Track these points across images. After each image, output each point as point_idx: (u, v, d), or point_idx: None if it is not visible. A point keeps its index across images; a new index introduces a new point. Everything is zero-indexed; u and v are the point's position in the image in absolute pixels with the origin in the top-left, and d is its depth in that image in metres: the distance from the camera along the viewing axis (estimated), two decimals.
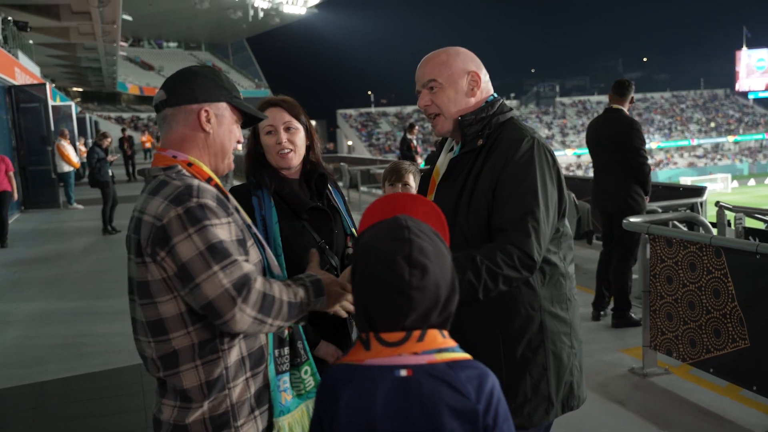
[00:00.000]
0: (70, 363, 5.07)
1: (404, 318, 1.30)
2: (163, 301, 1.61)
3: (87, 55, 33.70)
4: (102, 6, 21.66)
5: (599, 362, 4.80)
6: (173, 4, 60.94)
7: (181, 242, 1.55)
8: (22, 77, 18.24)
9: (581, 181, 9.01)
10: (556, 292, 2.09)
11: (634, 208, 5.49)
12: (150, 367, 1.69)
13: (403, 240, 1.32)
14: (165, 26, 70.02)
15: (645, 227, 4.53)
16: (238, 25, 69.71)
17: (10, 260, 9.68)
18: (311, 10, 71.11)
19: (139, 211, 1.65)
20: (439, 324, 1.35)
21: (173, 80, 1.79)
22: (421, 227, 1.37)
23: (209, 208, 1.60)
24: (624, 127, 5.55)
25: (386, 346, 1.31)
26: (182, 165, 1.71)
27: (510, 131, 2.09)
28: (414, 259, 1.30)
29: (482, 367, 1.36)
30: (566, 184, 2.17)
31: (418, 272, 1.29)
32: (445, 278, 1.34)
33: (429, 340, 1.32)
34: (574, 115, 73.82)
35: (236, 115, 1.83)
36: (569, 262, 2.15)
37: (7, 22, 19.20)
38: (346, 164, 16.90)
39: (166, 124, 1.77)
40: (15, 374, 4.92)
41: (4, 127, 15.57)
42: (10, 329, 6.19)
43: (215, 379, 1.64)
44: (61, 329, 6.02)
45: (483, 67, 2.20)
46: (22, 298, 7.27)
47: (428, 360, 1.30)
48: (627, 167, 5.54)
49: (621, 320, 5.58)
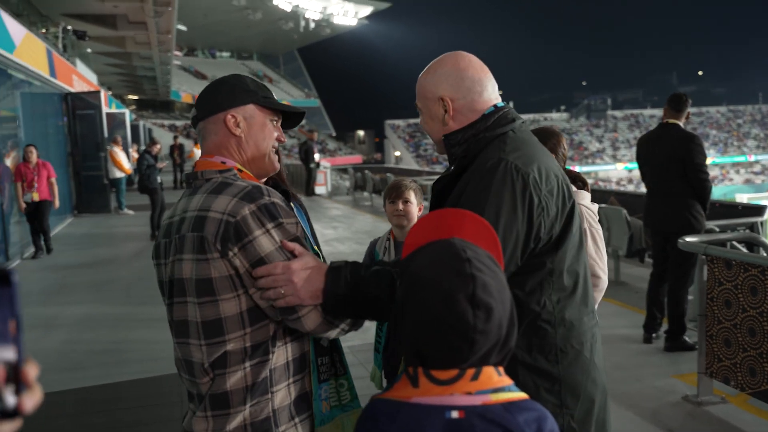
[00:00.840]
0: (111, 369, 5.09)
1: (463, 361, 1.18)
2: (225, 299, 1.60)
3: (142, 63, 34.59)
4: (157, 16, 22.19)
5: (650, 387, 4.58)
6: (227, 14, 62.14)
7: (259, 237, 1.58)
8: (80, 85, 18.76)
9: (633, 196, 8.74)
10: (536, 341, 1.77)
11: (695, 227, 5.24)
12: (196, 372, 1.64)
13: (465, 276, 1.17)
14: (218, 36, 71.41)
15: (702, 248, 4.31)
16: (289, 35, 70.65)
17: (60, 264, 9.86)
18: (362, 21, 71.61)
19: (199, 209, 1.63)
20: (497, 362, 1.23)
21: (201, 94, 1.83)
22: (480, 256, 1.23)
23: (282, 207, 1.65)
24: (684, 142, 5.28)
25: (437, 384, 1.19)
26: (235, 170, 1.74)
27: (489, 150, 1.80)
28: (478, 299, 1.16)
29: (541, 408, 1.23)
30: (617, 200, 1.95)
31: (482, 314, 1.16)
32: (506, 314, 1.21)
33: (484, 379, 1.20)
34: (626, 129, 72.49)
35: (269, 114, 1.82)
36: (566, 307, 1.79)
37: (67, 31, 19.80)
38: (392, 175, 16.85)
39: (201, 137, 1.82)
40: (57, 379, 4.95)
41: (60, 132, 16.00)
42: (55, 333, 6.26)
43: (260, 382, 1.62)
44: (104, 335, 6.06)
45: (463, 86, 1.87)
46: (68, 302, 7.37)
47: (483, 401, 1.18)
48: (687, 184, 5.29)
49: (674, 344, 5.33)
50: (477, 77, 1.89)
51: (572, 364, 1.79)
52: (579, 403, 1.80)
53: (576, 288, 1.83)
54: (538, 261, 1.77)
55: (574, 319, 1.81)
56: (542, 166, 1.78)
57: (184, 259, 1.63)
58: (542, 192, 1.74)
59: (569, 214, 1.82)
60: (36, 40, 13.50)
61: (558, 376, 1.77)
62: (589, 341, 1.84)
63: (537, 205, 1.72)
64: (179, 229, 1.68)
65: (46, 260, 10.19)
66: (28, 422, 3.03)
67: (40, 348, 5.77)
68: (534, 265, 1.76)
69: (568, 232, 1.81)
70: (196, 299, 1.62)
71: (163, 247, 1.74)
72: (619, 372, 4.90)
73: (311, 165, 19.45)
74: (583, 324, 1.84)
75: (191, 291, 1.62)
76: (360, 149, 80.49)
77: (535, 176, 1.73)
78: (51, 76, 14.51)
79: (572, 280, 1.82)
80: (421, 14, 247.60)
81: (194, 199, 1.68)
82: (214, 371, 1.62)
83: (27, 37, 12.43)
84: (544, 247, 1.76)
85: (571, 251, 1.82)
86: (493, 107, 1.89)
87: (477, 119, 1.86)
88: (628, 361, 5.15)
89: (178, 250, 1.65)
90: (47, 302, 7.56)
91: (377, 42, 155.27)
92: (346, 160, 58.26)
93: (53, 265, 9.83)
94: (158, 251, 1.77)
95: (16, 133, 11.81)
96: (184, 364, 1.69)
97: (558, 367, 1.77)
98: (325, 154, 60.15)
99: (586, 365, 1.82)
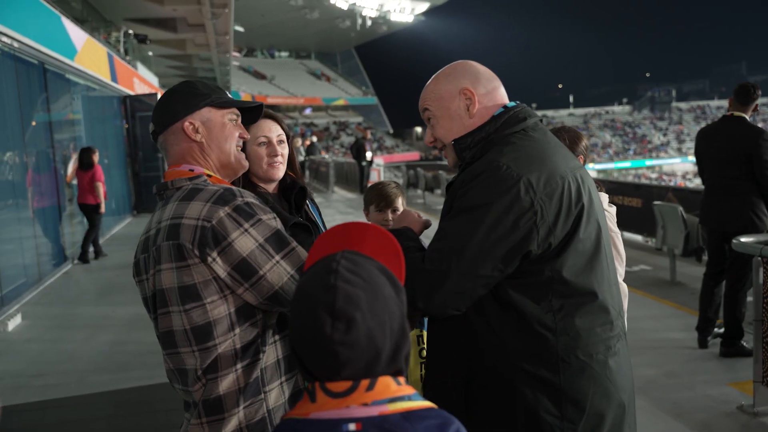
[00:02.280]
0: (153, 371, 5.13)
1: (336, 373, 1.15)
2: (212, 302, 1.60)
3: (202, 65, 35.28)
4: (214, 18, 22.57)
5: (703, 396, 4.35)
6: (284, 14, 62.85)
7: (238, 238, 1.58)
8: (141, 87, 19.26)
9: (690, 193, 8.37)
10: (536, 348, 1.68)
11: (758, 227, 4.93)
12: (190, 379, 1.64)
13: (327, 287, 1.15)
14: (276, 36, 72.28)
15: (758, 249, 4.06)
16: (346, 33, 71.00)
17: (114, 264, 10.09)
18: (418, 17, 71.38)
19: (172, 218, 1.63)
20: (394, 371, 1.19)
21: (155, 108, 1.82)
22: (360, 268, 1.19)
23: (256, 205, 1.65)
24: (752, 137, 4.93)
25: (333, 398, 1.16)
26: (204, 176, 1.74)
27: (492, 152, 1.75)
28: (338, 310, 1.13)
29: (445, 415, 1.18)
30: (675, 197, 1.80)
31: (342, 325, 1.13)
32: (382, 327, 1.16)
33: (380, 389, 1.16)
34: (692, 121, 70.20)
35: (227, 114, 1.80)
36: (570, 316, 1.70)
37: (128, 35, 20.35)
38: (444, 172, 16.70)
39: (164, 149, 1.81)
40: (100, 380, 5.04)
41: (118, 134, 16.45)
42: (103, 334, 6.38)
43: (251, 383, 1.63)
44: (149, 335, 6.02)
45: (482, 80, 1.87)
46: (118, 302, 7.50)
47: (380, 411, 1.15)
48: (751, 181, 4.96)
49: (731, 349, 5.05)
50: (491, 76, 1.90)
51: (577, 376, 1.70)
52: (584, 417, 1.71)
53: (587, 296, 1.73)
54: (536, 268, 1.70)
55: (582, 329, 1.72)
56: (543, 167, 1.70)
57: (163, 270, 1.64)
58: (537, 195, 1.66)
59: (576, 218, 1.72)
60: (97, 45, 13.89)
61: (558, 386, 1.69)
62: (602, 353, 1.74)
63: (528, 209, 1.65)
64: (155, 241, 1.67)
65: (102, 260, 10.45)
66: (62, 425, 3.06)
67: (86, 349, 5.91)
68: (532, 272, 1.70)
69: (573, 238, 1.71)
70: (181, 306, 1.62)
71: (142, 263, 1.73)
72: (671, 379, 4.68)
73: (363, 163, 19.47)
74: (595, 335, 1.73)
75: (174, 300, 1.63)
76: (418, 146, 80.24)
77: (530, 178, 1.67)
78: (112, 80, 14.92)
79: (581, 288, 1.72)
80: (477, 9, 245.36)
81: (167, 209, 1.68)
82: (206, 377, 1.62)
83: (88, 42, 12.79)
84: (544, 253, 1.69)
85: (578, 258, 1.73)
86: (502, 108, 1.84)
87: (486, 121, 1.82)
88: (681, 368, 4.91)
89: (156, 261, 1.65)
90: (98, 302, 7.75)
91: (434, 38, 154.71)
92: (404, 156, 58.18)
93: (108, 265, 10.07)
94: (138, 268, 1.76)
95: (77, 135, 12.16)
96: (177, 374, 1.69)
97: (559, 377, 1.69)
98: (382, 151, 60.32)
99: (595, 378, 1.72)
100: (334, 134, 65.76)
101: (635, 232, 9.82)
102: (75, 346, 5.96)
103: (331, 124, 68.25)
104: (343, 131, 66.98)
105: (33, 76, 9.46)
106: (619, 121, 70.27)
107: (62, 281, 9.14)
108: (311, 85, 72.06)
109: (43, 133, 9.81)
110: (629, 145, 65.93)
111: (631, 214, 9.72)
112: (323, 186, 22.37)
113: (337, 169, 24.21)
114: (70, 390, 4.91)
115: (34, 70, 9.47)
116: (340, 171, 24.14)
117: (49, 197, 9.92)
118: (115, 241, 11.89)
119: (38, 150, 9.51)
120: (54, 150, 10.19)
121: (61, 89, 11.20)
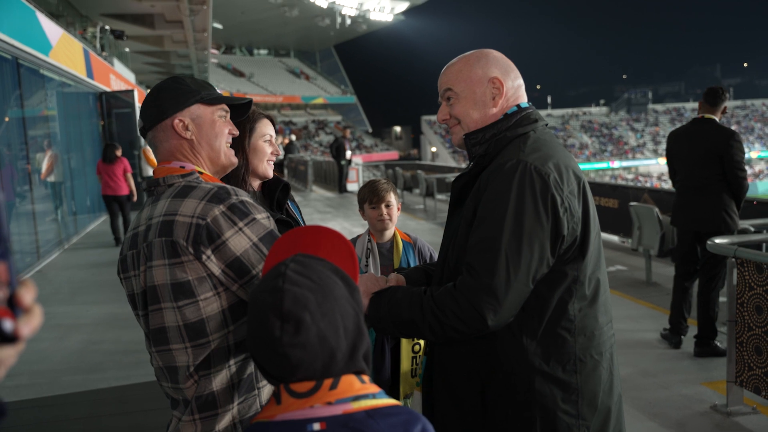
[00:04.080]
0: (128, 371, 5.07)
1: (291, 375, 1.16)
2: (206, 299, 1.59)
3: (180, 62, 34.95)
4: (193, 15, 22.38)
5: (677, 396, 4.39)
6: (264, 12, 62.50)
7: (232, 237, 1.57)
8: (118, 84, 19.01)
9: (666, 194, 8.45)
10: (554, 350, 1.71)
11: (730, 227, 5.03)
12: (181, 377, 1.63)
13: (275, 290, 1.17)
14: (256, 34, 71.86)
15: (732, 250, 4.10)
16: (325, 32, 70.75)
17: (88, 262, 9.96)
18: (398, 17, 71.36)
19: (165, 214, 1.62)
20: (357, 370, 1.20)
21: (144, 104, 1.79)
22: (309, 270, 1.21)
23: (251, 204, 1.64)
24: (724, 138, 5.03)
25: (297, 398, 1.17)
26: (196, 173, 1.73)
27: (508, 151, 1.75)
28: (285, 312, 1.15)
29: (410, 411, 1.19)
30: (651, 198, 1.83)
31: (290, 327, 1.14)
32: (335, 327, 1.17)
33: (344, 388, 1.17)
34: (668, 123, 70.94)
35: (216, 110, 1.79)
36: (587, 316, 1.74)
37: (105, 31, 20.10)
38: (422, 172, 16.71)
39: (153, 145, 1.79)
40: (73, 381, 4.97)
41: (94, 131, 16.24)
42: (76, 333, 6.28)
43: (245, 378, 1.64)
44: (124, 334, 6.03)
45: (512, 74, 1.88)
46: (92, 301, 7.40)
47: (344, 410, 1.15)
48: (723, 182, 5.06)
49: (705, 349, 5.11)
50: (518, 72, 1.91)
51: (591, 375, 1.75)
52: (596, 413, 1.76)
53: (597, 296, 1.79)
54: (563, 269, 1.72)
55: (595, 328, 1.77)
56: (562, 166, 1.73)
57: (155, 266, 1.62)
58: (564, 192, 1.69)
59: (588, 218, 1.76)
60: (73, 41, 13.69)
61: (577, 387, 1.72)
62: (609, 351, 1.80)
63: (560, 205, 1.68)
64: (146, 237, 1.65)
65: (76, 258, 10.31)
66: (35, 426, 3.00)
67: (59, 348, 5.81)
68: (560, 273, 1.72)
69: (587, 236, 1.75)
70: (174, 303, 1.61)
71: (130, 259, 1.71)
72: (646, 379, 4.72)
73: (342, 162, 19.43)
74: (604, 333, 1.80)
75: (167, 296, 1.61)
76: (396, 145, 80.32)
77: (555, 176, 1.69)
78: (88, 76, 14.71)
79: (593, 288, 1.78)
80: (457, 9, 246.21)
81: (158, 205, 1.67)
82: (198, 373, 1.61)
83: (64, 37, 12.60)
84: (569, 254, 1.72)
85: (593, 258, 1.77)
86: (516, 107, 1.86)
87: (499, 119, 1.83)
88: (656, 367, 4.96)
89: (148, 258, 1.64)
90: (72, 301, 7.63)
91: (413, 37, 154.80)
92: (383, 156, 58.23)
93: (82, 264, 9.94)
94: (125, 264, 1.73)
95: (52, 132, 11.99)
96: (166, 371, 1.67)
97: (576, 377, 1.72)
98: (361, 150, 60.27)
99: (604, 375, 1.78)
100: (313, 133, 65.57)
101: (611, 232, 9.90)
102: (48, 346, 5.86)
103: (309, 123, 68.04)
104: (322, 130, 66.82)
105: (6, 72, 9.31)
106: (596, 122, 70.84)
107: (35, 279, 8.97)
108: (290, 84, 71.79)
109: (16, 129, 9.66)
110: (606, 146, 66.51)
111: (607, 215, 9.80)
112: (302, 185, 22.29)
113: (316, 167, 24.14)
114: (44, 390, 4.83)
115: (8, 65, 9.32)
116: (318, 170, 24.06)
117: (22, 194, 9.77)
118: (90, 239, 11.75)
119: (11, 146, 9.36)
120: (28, 146, 10.04)
121: (36, 85, 11.04)
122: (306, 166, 22.15)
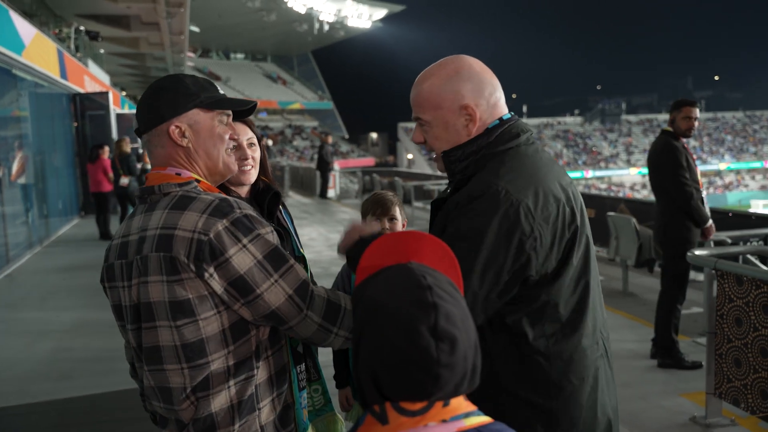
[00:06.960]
0: (98, 379, 4.94)
1: (427, 396, 1.07)
2: (206, 318, 1.52)
3: (156, 64, 34.63)
4: (170, 17, 22.19)
5: (656, 407, 4.39)
6: (241, 16, 62.18)
7: (236, 254, 1.49)
8: (92, 86, 18.74)
9: (642, 204, 8.52)
10: (529, 375, 1.64)
11: (688, 240, 5.02)
12: (175, 398, 1.53)
13: (426, 305, 1.06)
14: (233, 38, 71.49)
15: (712, 262, 4.11)
16: (303, 37, 70.60)
17: (61, 266, 9.76)
18: (376, 23, 71.48)
19: (162, 227, 1.52)
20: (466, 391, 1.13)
21: (140, 104, 1.67)
22: (441, 282, 1.12)
23: (254, 218, 1.56)
24: (658, 149, 5.17)
25: (409, 416, 1.07)
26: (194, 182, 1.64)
27: (484, 172, 1.66)
28: (441, 330, 1.05)
29: (507, 428, 1.14)
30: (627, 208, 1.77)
31: (446, 346, 1.06)
32: (471, 344, 1.10)
33: (455, 405, 1.10)
34: (641, 134, 71.95)
35: (217, 114, 1.67)
36: (562, 340, 1.66)
37: (79, 32, 19.82)
38: (400, 179, 16.71)
39: (147, 149, 1.70)
40: (42, 389, 4.83)
41: (67, 133, 15.97)
42: (46, 340, 6.12)
43: (246, 400, 1.57)
44: (95, 341, 5.89)
45: (486, 91, 1.73)
46: (63, 307, 7.23)
47: (458, 428, 1.08)
48: (668, 194, 5.14)
49: (667, 360, 5.12)
50: (494, 82, 1.77)
51: (569, 399, 1.67)
52: None
53: (578, 319, 1.69)
54: (532, 293, 1.64)
55: (575, 352, 1.68)
56: (540, 190, 1.63)
57: (152, 282, 1.53)
58: (536, 220, 1.60)
59: (570, 241, 1.67)
60: (47, 41, 13.47)
61: (552, 411, 1.65)
62: (592, 375, 1.71)
63: (529, 235, 1.59)
64: (139, 249, 1.56)
65: (47, 262, 10.09)
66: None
67: (27, 356, 5.66)
68: (527, 297, 1.64)
69: (567, 262, 1.66)
70: (172, 322, 1.52)
71: (119, 268, 1.61)
72: (625, 390, 4.70)
73: (328, 170, 19.39)
74: (586, 357, 1.70)
75: (163, 315, 1.52)
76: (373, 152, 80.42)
77: (528, 203, 1.60)
78: (61, 77, 14.47)
79: (571, 311, 1.68)
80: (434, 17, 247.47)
81: (153, 215, 1.57)
82: (195, 395, 1.53)
83: (37, 37, 12.38)
84: (540, 279, 1.63)
85: (570, 282, 1.67)
86: (498, 120, 1.74)
87: (480, 134, 1.71)
88: (635, 378, 4.95)
89: (142, 272, 1.54)
90: (41, 306, 7.45)
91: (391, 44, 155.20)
92: (359, 162, 58.19)
93: (53, 267, 9.73)
94: (112, 273, 1.64)
95: (24, 133, 11.76)
96: (159, 392, 1.58)
97: (553, 402, 1.65)
98: (338, 156, 60.16)
99: (585, 399, 1.69)
100: (290, 138, 65.35)
101: None
102: (15, 353, 5.70)
103: (286, 128, 67.79)
104: (299, 135, 66.62)
105: None
106: (571, 132, 71.57)
107: (3, 284, 8.78)
108: (267, 88, 71.46)
109: None
110: (580, 155, 67.21)
111: None
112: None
113: (293, 173, 24.01)
114: (10, 400, 4.69)
115: None
116: (295, 175, 23.94)
117: None
118: (61, 243, 11.52)
119: None
120: None
121: (7, 85, 10.82)
122: (282, 171, 22.02)
